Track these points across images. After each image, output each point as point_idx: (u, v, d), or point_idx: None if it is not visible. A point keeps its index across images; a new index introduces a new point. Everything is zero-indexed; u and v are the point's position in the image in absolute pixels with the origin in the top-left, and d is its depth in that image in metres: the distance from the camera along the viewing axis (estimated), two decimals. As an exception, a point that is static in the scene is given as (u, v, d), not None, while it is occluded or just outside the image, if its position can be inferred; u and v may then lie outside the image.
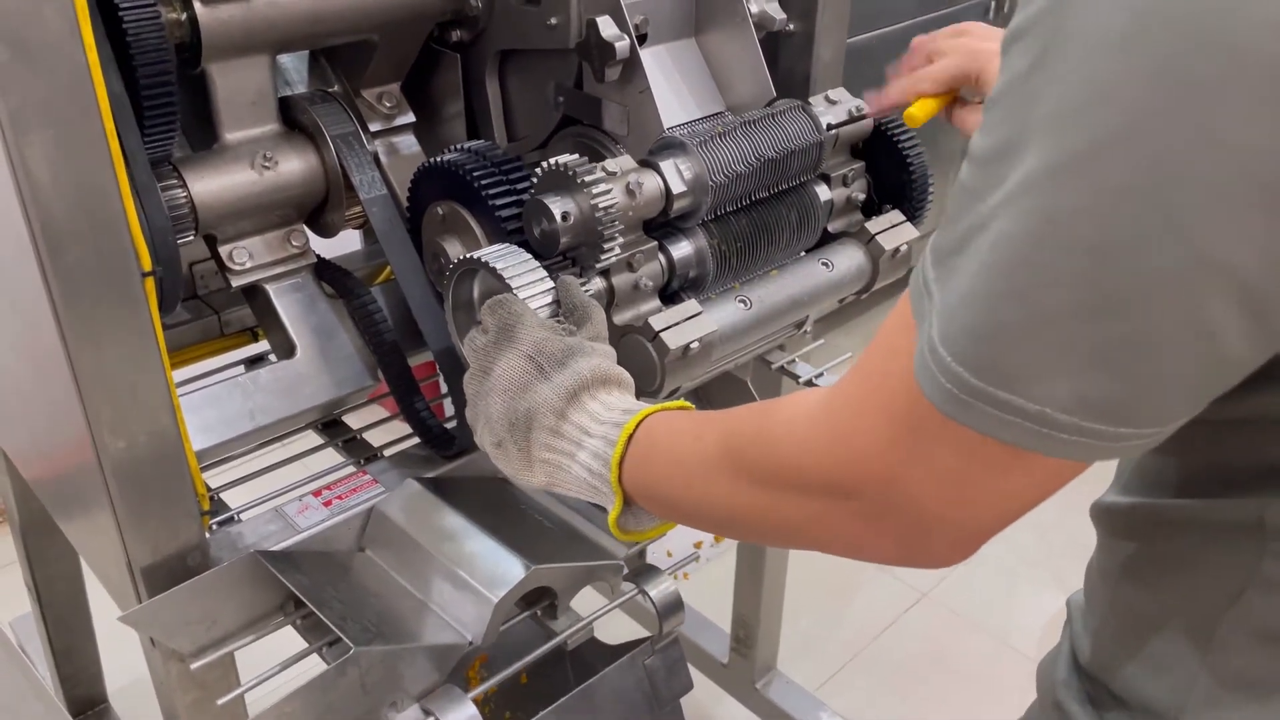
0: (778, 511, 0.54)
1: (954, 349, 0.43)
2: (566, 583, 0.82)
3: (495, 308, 0.73)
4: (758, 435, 0.56)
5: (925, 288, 0.45)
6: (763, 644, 1.55)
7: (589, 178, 0.78)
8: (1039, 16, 0.40)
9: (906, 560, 0.50)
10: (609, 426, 0.66)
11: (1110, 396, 0.41)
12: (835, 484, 0.50)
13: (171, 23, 0.81)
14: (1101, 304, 0.39)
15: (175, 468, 0.74)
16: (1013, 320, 0.41)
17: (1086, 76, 0.39)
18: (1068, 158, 0.39)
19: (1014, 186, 0.41)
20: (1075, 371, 0.41)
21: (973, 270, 0.42)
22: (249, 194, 0.88)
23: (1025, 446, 0.43)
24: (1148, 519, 0.57)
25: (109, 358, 0.67)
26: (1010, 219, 0.41)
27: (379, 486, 0.88)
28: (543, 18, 0.91)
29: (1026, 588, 1.95)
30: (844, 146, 0.97)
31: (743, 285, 0.91)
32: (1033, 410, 0.42)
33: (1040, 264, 0.40)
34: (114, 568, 0.77)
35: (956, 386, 0.43)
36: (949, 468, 0.46)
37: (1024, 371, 0.41)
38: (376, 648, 0.72)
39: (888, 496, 0.48)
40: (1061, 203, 0.39)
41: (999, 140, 0.42)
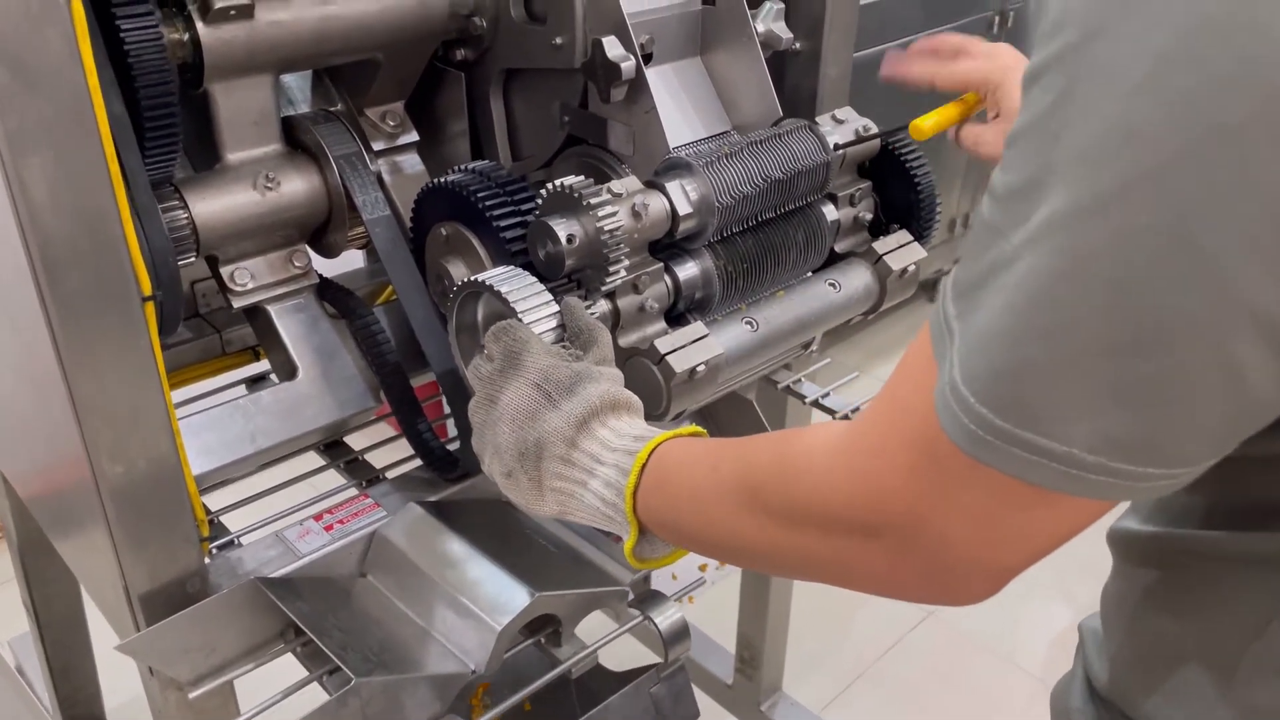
0: (798, 547, 0.53)
1: (976, 388, 0.42)
2: (571, 610, 0.81)
3: (500, 335, 0.71)
4: (777, 470, 0.54)
5: (946, 324, 0.45)
6: (768, 665, 1.53)
7: (594, 200, 0.77)
8: (1061, 53, 0.40)
9: (933, 598, 0.49)
10: (621, 454, 0.65)
11: (1137, 437, 0.40)
12: (859, 522, 0.49)
13: (174, 43, 0.80)
14: (1128, 344, 0.39)
15: (174, 493, 0.73)
16: (1038, 359, 0.40)
17: (1111, 116, 0.38)
18: (1093, 198, 0.38)
19: (1039, 225, 0.40)
20: (1102, 411, 0.40)
21: (996, 308, 0.42)
22: (251, 215, 0.87)
23: (1052, 487, 0.42)
24: (1170, 549, 0.57)
25: (108, 382, 0.66)
26: (1035, 257, 0.40)
27: (381, 510, 0.87)
28: (548, 37, 0.90)
29: (1034, 606, 1.93)
30: (851, 166, 0.96)
31: (749, 306, 0.90)
32: (1059, 451, 0.41)
33: (1066, 303, 0.39)
34: (111, 593, 0.76)
35: (980, 426, 0.42)
36: (976, 508, 0.45)
37: (1050, 411, 0.41)
38: (377, 678, 0.71)
39: (914, 536, 0.47)
40: (1088, 242, 0.39)
41: (1021, 177, 0.41)
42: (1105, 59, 0.38)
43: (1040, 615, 1.92)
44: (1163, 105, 0.37)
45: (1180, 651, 0.56)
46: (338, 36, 0.89)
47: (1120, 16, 0.38)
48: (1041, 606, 1.93)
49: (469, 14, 0.95)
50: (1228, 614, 0.53)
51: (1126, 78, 0.37)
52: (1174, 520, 0.56)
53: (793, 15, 1.04)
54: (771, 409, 1.22)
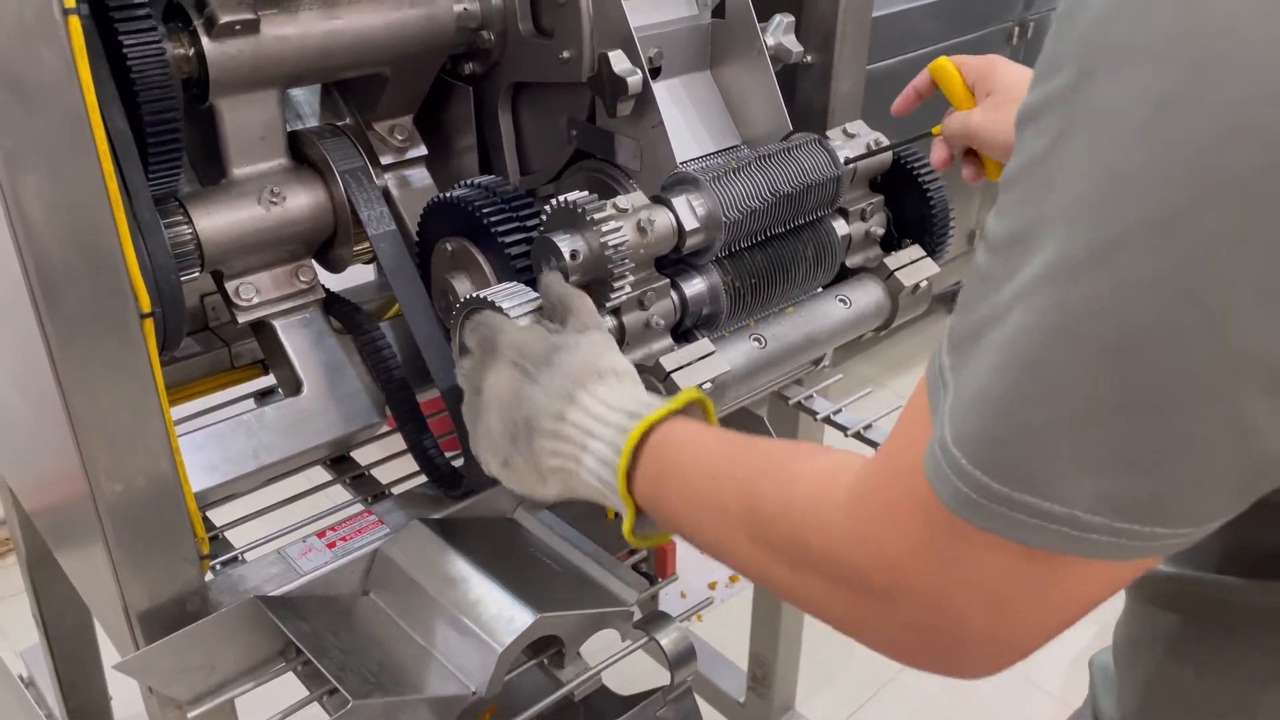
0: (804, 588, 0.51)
1: (969, 451, 0.40)
2: (574, 631, 0.80)
3: (475, 328, 0.71)
4: (781, 510, 0.52)
5: (941, 376, 0.43)
6: (781, 683, 1.51)
7: (598, 215, 0.76)
8: (1056, 96, 0.38)
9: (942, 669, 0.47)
10: (614, 431, 0.63)
11: (1142, 497, 0.38)
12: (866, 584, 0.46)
13: (179, 58, 0.80)
14: (1129, 404, 0.37)
15: (173, 512, 0.72)
16: (1033, 422, 0.39)
17: (1108, 164, 0.36)
18: (1089, 250, 0.36)
19: (1030, 279, 0.38)
20: (1102, 473, 0.38)
21: (987, 368, 0.40)
22: (256, 230, 0.87)
23: (1054, 550, 0.40)
24: (1186, 592, 0.55)
25: (105, 400, 0.66)
26: (1027, 314, 0.38)
27: (384, 527, 0.86)
28: (555, 51, 0.90)
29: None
30: (863, 180, 0.94)
31: (757, 323, 0.89)
32: (1060, 513, 0.39)
33: (1061, 363, 0.38)
34: (111, 611, 0.76)
35: (974, 490, 0.40)
36: (985, 579, 0.42)
37: (1048, 473, 0.39)
38: (376, 700, 0.70)
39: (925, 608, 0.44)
40: (1083, 297, 0.37)
41: (1014, 226, 0.39)
42: (1100, 103, 0.36)
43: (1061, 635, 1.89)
44: (1163, 154, 0.35)
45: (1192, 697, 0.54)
46: (344, 51, 0.88)
47: (1116, 59, 0.36)
48: (1061, 625, 1.90)
49: (477, 28, 0.94)
50: (1242, 665, 0.51)
51: (1123, 124, 0.35)
52: (1191, 562, 0.54)
53: (804, 28, 1.03)
54: (783, 425, 1.21)
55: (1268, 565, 0.50)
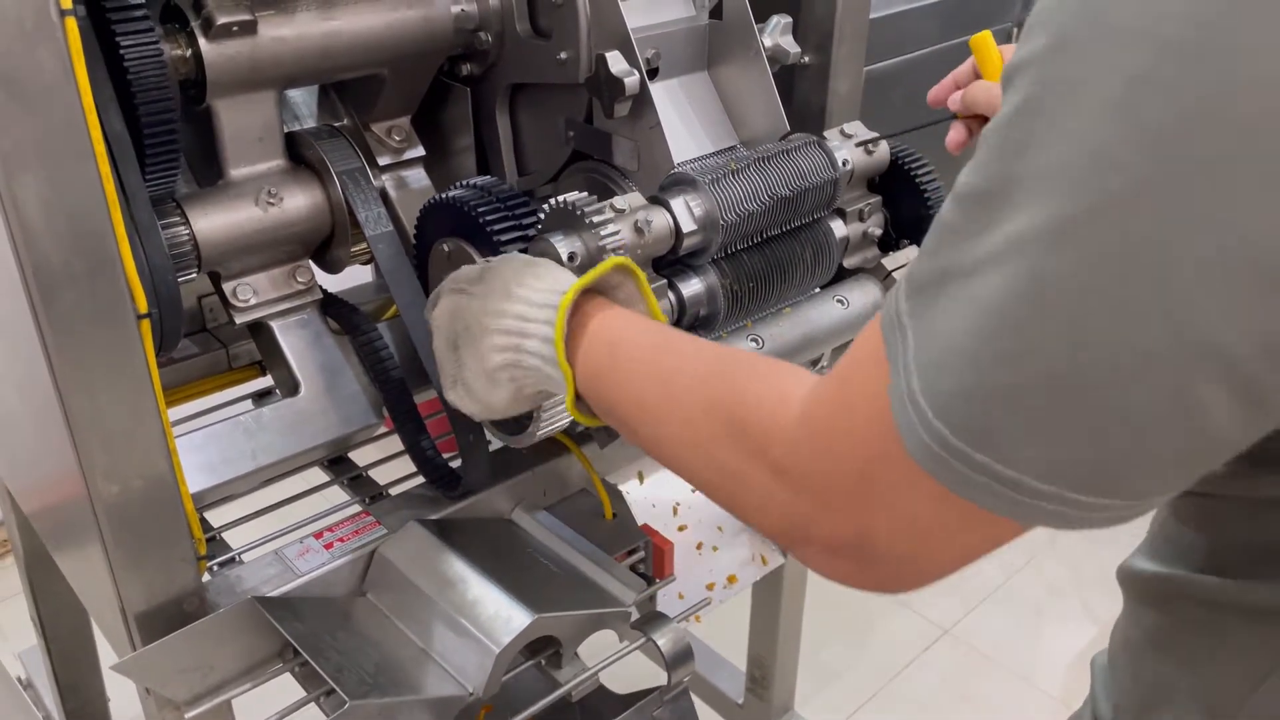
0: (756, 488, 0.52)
1: (936, 405, 0.41)
2: (571, 632, 0.80)
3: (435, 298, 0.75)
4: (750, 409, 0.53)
5: (898, 319, 0.43)
6: (779, 684, 1.51)
7: (596, 216, 0.76)
8: (1032, 58, 0.38)
9: (847, 579, 0.49)
10: (549, 309, 0.66)
11: (1094, 468, 0.39)
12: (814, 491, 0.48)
13: (177, 59, 0.80)
14: (1088, 375, 0.37)
15: (170, 512, 0.72)
16: (996, 383, 0.39)
17: (1080, 137, 0.36)
18: (1058, 221, 0.37)
19: (1003, 242, 0.39)
20: (1059, 441, 0.39)
21: (955, 324, 0.40)
22: (253, 231, 0.87)
23: (1001, 513, 0.41)
24: (1176, 591, 0.55)
25: (103, 401, 0.66)
26: (999, 277, 0.39)
27: (381, 528, 0.86)
28: (553, 52, 0.90)
29: (1053, 626, 1.90)
30: (860, 180, 0.94)
31: (755, 323, 0.89)
32: (1010, 476, 0.40)
33: (1029, 329, 0.38)
34: (108, 612, 0.76)
35: (936, 443, 0.41)
36: (914, 517, 0.44)
37: (1007, 437, 0.40)
38: (373, 700, 0.70)
39: (851, 529, 0.47)
40: (1052, 268, 0.37)
41: (984, 181, 0.40)
42: (1074, 74, 0.37)
43: (1060, 635, 1.89)
44: (1133, 131, 0.35)
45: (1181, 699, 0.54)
46: (342, 52, 0.88)
47: (1090, 30, 0.36)
48: (1061, 626, 1.90)
49: (474, 29, 0.94)
50: (1227, 664, 0.52)
51: (1095, 97, 0.36)
52: (1177, 560, 0.55)
53: (801, 29, 1.03)
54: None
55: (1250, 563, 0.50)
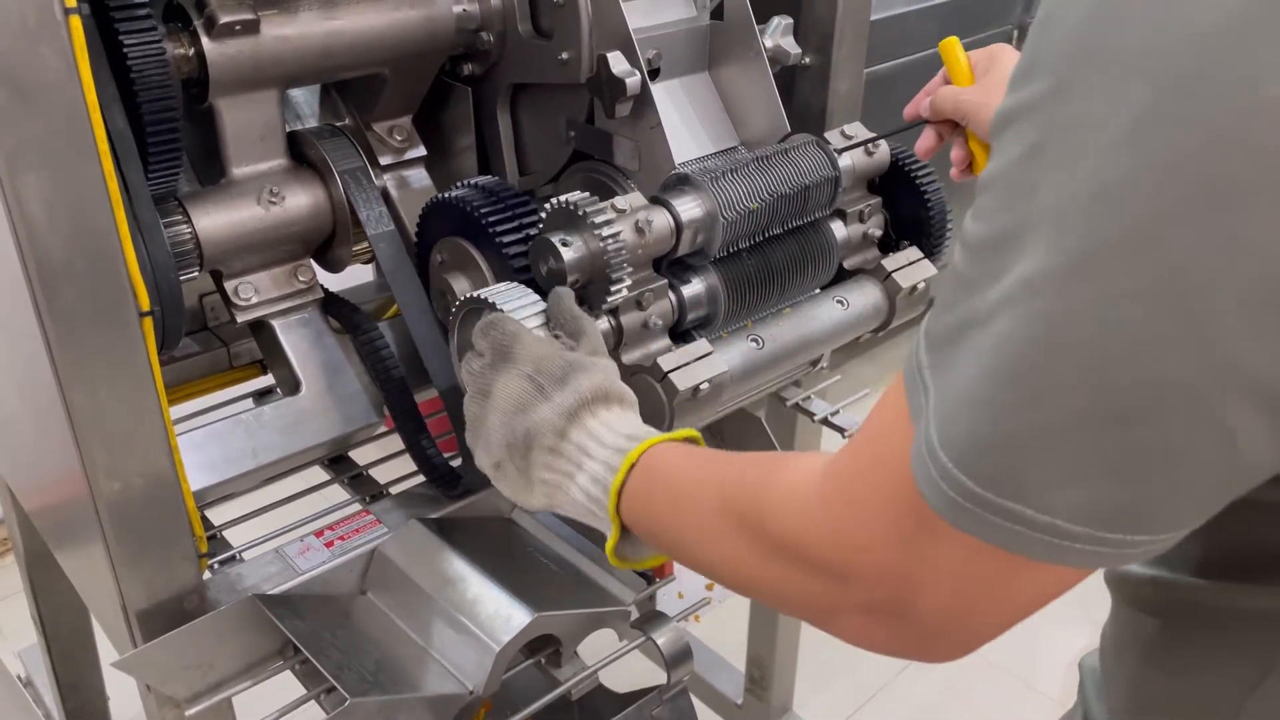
0: (775, 579, 0.52)
1: (956, 455, 0.41)
2: (571, 630, 0.80)
3: (488, 329, 0.71)
4: (758, 497, 0.53)
5: (920, 375, 0.43)
6: (778, 684, 1.52)
7: (597, 216, 0.76)
8: (1033, 102, 0.38)
9: (904, 654, 0.48)
10: (611, 452, 0.64)
11: (1124, 505, 0.39)
12: (834, 570, 0.48)
13: (179, 58, 0.80)
14: (1115, 413, 0.37)
15: (172, 510, 0.72)
16: (1020, 429, 0.39)
17: (1090, 176, 0.36)
18: (1073, 259, 0.37)
19: (1015, 285, 0.38)
20: (1087, 481, 0.38)
21: (973, 373, 0.40)
22: (255, 229, 0.87)
23: (1034, 557, 0.40)
24: (1167, 595, 0.55)
25: (105, 398, 0.66)
26: (1013, 321, 0.38)
27: (382, 527, 0.87)
28: (554, 52, 0.90)
29: (1052, 629, 1.89)
30: (861, 181, 0.95)
31: (755, 323, 0.89)
32: (1042, 521, 0.39)
33: (1048, 371, 0.38)
34: (109, 609, 0.76)
35: (959, 494, 0.41)
36: (953, 570, 0.43)
37: (1033, 481, 0.39)
38: (373, 698, 0.70)
39: (888, 593, 0.45)
40: (1069, 307, 0.37)
41: (996, 229, 0.40)
42: (1080, 113, 0.36)
43: (1059, 638, 1.88)
44: (1144, 166, 0.35)
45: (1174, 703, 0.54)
46: (344, 51, 0.89)
47: (1093, 70, 0.36)
48: (1060, 629, 1.90)
49: (476, 29, 0.95)
50: (1224, 668, 0.51)
51: (1104, 135, 0.36)
52: (1172, 565, 0.55)
53: (802, 30, 1.03)
54: (780, 426, 1.21)
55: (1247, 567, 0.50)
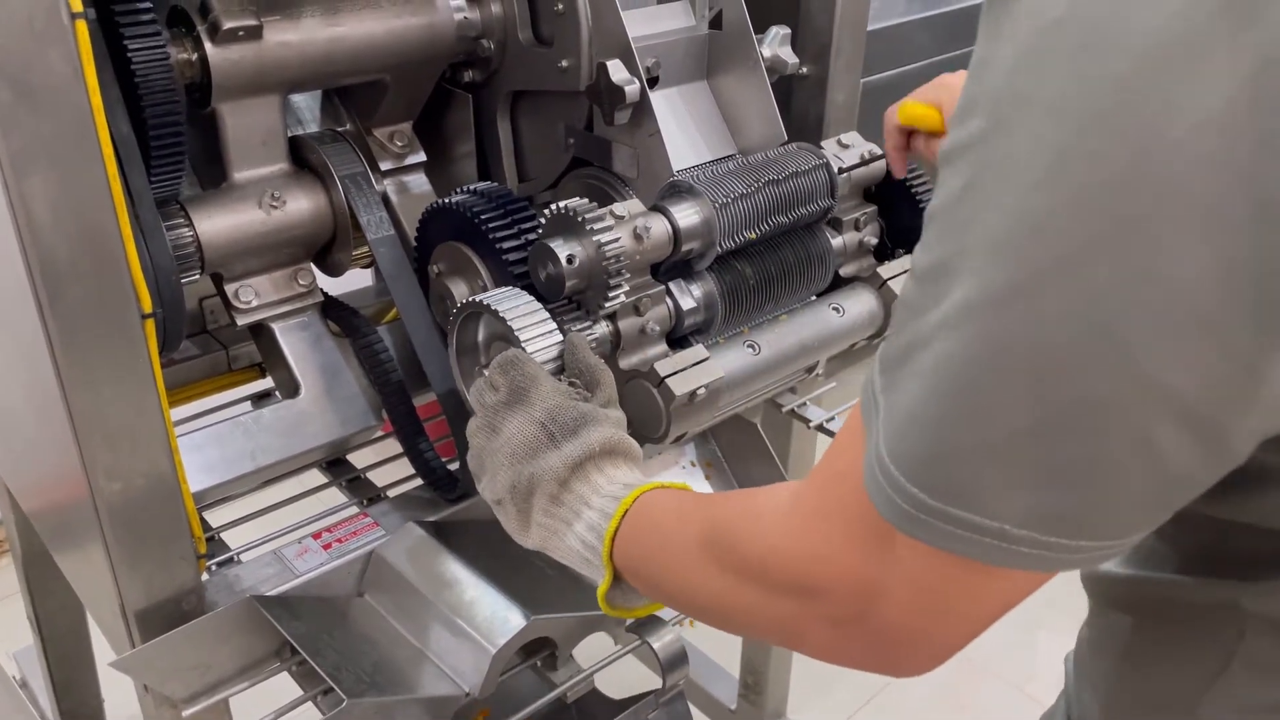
0: (746, 604, 0.53)
1: (905, 468, 0.43)
2: (567, 633, 0.81)
3: (508, 368, 0.71)
4: (733, 528, 0.55)
5: (873, 396, 0.45)
6: (772, 690, 1.52)
7: (596, 223, 0.77)
8: (969, 141, 0.41)
9: (875, 667, 0.49)
10: (608, 500, 0.65)
11: (1065, 513, 0.41)
12: (799, 585, 0.49)
13: (182, 63, 0.81)
14: (1048, 427, 0.40)
15: (172, 511, 0.73)
16: (962, 442, 0.41)
17: (1016, 209, 0.39)
18: (1005, 287, 0.39)
19: (953, 310, 0.41)
20: (1028, 489, 0.41)
21: (917, 390, 0.42)
22: (256, 233, 0.88)
23: (985, 561, 0.42)
24: (1140, 593, 0.57)
25: (106, 400, 0.67)
26: (953, 342, 0.41)
27: (379, 529, 0.87)
28: (554, 60, 0.91)
29: (1044, 634, 1.91)
30: (857, 190, 0.96)
31: (751, 330, 0.90)
32: (991, 526, 0.42)
33: (985, 388, 0.40)
34: (108, 610, 0.76)
35: (910, 504, 0.43)
36: (911, 581, 0.45)
37: (978, 490, 0.41)
38: (370, 699, 0.71)
39: (853, 604, 0.47)
40: (1003, 330, 0.40)
41: (936, 258, 0.42)
42: (1007, 153, 0.39)
43: (1051, 642, 1.89)
44: (1064, 200, 0.38)
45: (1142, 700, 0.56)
46: (346, 58, 0.89)
47: (1019, 111, 0.39)
48: (1052, 634, 1.91)
49: (477, 36, 0.95)
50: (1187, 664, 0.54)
51: (1028, 172, 0.38)
52: (1147, 564, 0.57)
53: (800, 40, 1.04)
54: (776, 433, 1.22)
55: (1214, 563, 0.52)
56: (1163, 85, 0.36)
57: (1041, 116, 0.38)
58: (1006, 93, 0.39)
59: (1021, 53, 0.39)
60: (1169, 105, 0.35)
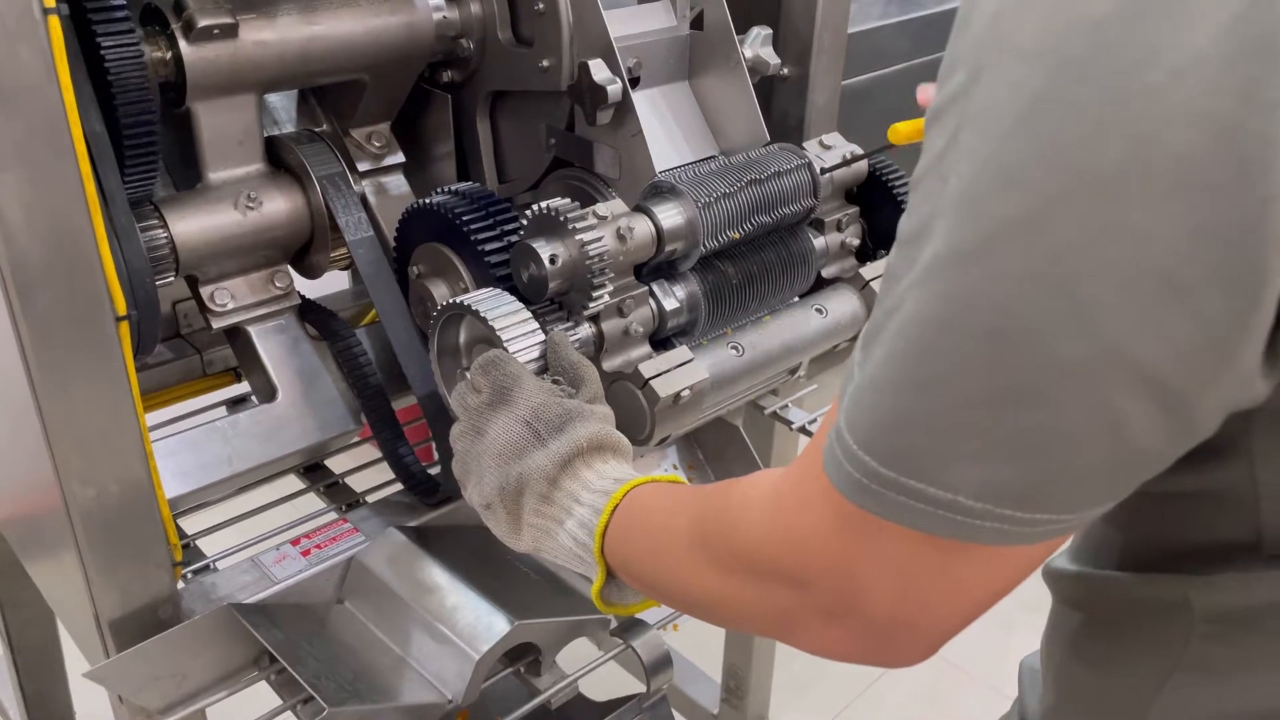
0: (735, 596, 0.52)
1: (858, 435, 0.41)
2: (551, 639, 0.80)
3: (489, 368, 0.70)
4: (718, 518, 0.53)
5: (851, 371, 0.44)
6: (754, 694, 1.52)
7: (578, 223, 0.76)
8: (953, 96, 0.39)
9: (866, 658, 0.48)
10: (598, 495, 0.64)
11: (1022, 484, 0.39)
12: (787, 575, 0.48)
13: (157, 61, 0.80)
14: (1008, 393, 0.38)
15: (146, 517, 0.71)
16: (918, 408, 0.40)
17: (988, 159, 0.37)
18: (970, 242, 0.38)
19: (920, 269, 0.39)
20: (984, 460, 0.39)
21: (880, 357, 0.41)
22: (232, 235, 0.86)
23: (939, 534, 0.41)
24: (1089, 589, 0.55)
25: (79, 403, 0.65)
26: (915, 303, 0.39)
27: (359, 535, 0.86)
28: (535, 60, 0.90)
29: (1024, 635, 1.91)
30: (839, 191, 0.95)
31: (735, 331, 0.90)
32: (944, 498, 0.40)
33: (944, 350, 0.39)
34: (81, 619, 0.74)
35: (862, 473, 0.41)
36: (892, 566, 0.44)
37: (932, 460, 0.40)
38: (351, 707, 0.70)
39: (840, 592, 0.46)
40: (964, 288, 0.38)
41: (916, 221, 0.41)
42: (985, 101, 0.38)
43: (1030, 646, 1.90)
44: (1035, 150, 0.36)
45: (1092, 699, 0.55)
46: (323, 57, 0.88)
47: (998, 57, 0.37)
48: (1032, 637, 1.91)
49: (456, 36, 0.94)
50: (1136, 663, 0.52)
51: (1002, 120, 0.37)
52: (1092, 559, 0.55)
53: (781, 41, 1.04)
54: (759, 435, 1.22)
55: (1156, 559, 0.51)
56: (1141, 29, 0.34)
57: (1017, 61, 0.36)
58: (988, 39, 0.38)
59: None
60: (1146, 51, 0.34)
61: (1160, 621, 0.51)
